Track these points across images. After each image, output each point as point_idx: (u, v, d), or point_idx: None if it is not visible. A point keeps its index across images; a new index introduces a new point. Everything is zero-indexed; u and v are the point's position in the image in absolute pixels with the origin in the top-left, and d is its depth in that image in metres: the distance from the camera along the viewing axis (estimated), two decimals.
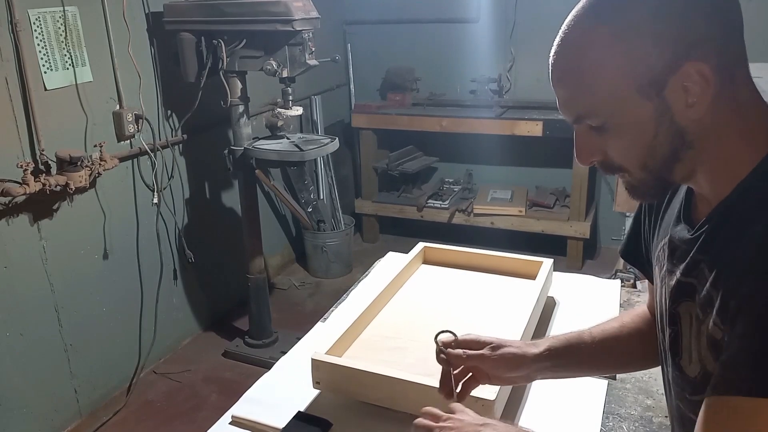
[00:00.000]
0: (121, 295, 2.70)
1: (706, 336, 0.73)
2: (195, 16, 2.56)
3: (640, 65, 0.69)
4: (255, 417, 1.18)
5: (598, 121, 0.74)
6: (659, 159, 0.74)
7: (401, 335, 1.38)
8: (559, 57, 0.75)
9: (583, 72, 0.73)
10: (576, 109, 0.75)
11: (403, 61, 4.05)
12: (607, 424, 1.17)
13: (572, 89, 0.75)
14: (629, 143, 0.74)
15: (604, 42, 0.70)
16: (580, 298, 1.59)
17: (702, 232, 0.76)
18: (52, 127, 2.29)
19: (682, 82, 0.69)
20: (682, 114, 0.70)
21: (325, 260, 3.75)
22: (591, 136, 0.76)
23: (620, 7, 0.69)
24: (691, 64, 0.68)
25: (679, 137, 0.72)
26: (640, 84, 0.70)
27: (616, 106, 0.72)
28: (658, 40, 0.68)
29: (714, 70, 0.68)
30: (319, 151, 2.67)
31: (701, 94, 0.69)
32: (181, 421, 2.57)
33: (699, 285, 0.75)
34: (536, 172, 3.99)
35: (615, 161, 0.77)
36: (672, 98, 0.70)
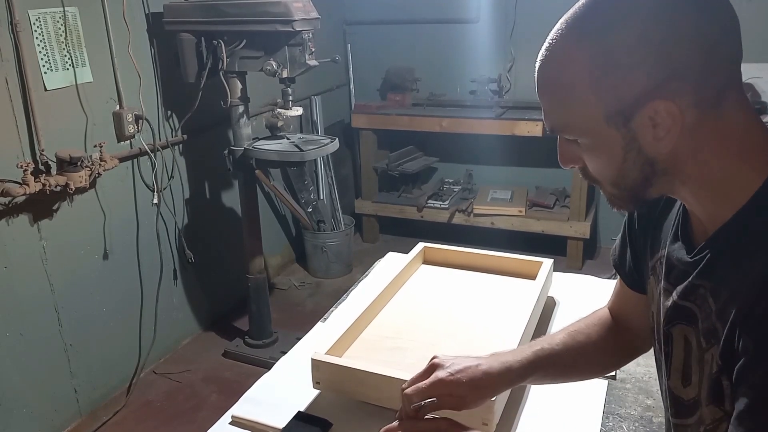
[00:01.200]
0: (121, 295, 2.71)
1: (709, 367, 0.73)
2: (195, 17, 2.56)
3: (609, 94, 0.68)
4: (255, 417, 1.18)
5: (571, 137, 0.75)
6: (630, 181, 0.73)
7: (401, 335, 1.38)
8: (541, 68, 0.74)
9: (558, 89, 0.72)
10: (552, 121, 0.76)
11: (403, 61, 4.05)
12: (607, 424, 1.17)
13: (549, 102, 0.75)
14: (600, 162, 0.75)
15: (579, 64, 0.69)
16: (580, 298, 1.58)
17: (702, 257, 0.74)
18: (52, 127, 2.30)
19: (648, 117, 0.67)
20: (650, 146, 0.69)
21: (325, 260, 3.75)
22: (570, 145, 0.77)
23: (602, 30, 0.67)
24: (659, 103, 0.66)
25: (648, 165, 0.71)
26: (607, 112, 0.69)
27: (586, 127, 0.72)
28: (631, 72, 0.66)
29: (690, 104, 0.66)
30: (319, 152, 2.67)
31: (670, 129, 0.67)
32: (181, 421, 2.57)
33: (700, 312, 0.74)
34: (536, 172, 3.99)
35: (591, 173, 0.78)
36: (639, 131, 0.69)
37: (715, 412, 0.73)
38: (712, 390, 0.73)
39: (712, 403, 0.73)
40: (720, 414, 0.72)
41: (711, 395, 0.73)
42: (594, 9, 0.69)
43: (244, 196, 2.85)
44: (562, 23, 0.72)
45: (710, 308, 0.71)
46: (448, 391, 0.90)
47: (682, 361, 0.81)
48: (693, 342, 0.77)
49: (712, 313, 0.71)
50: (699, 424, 0.77)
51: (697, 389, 0.77)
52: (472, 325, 1.41)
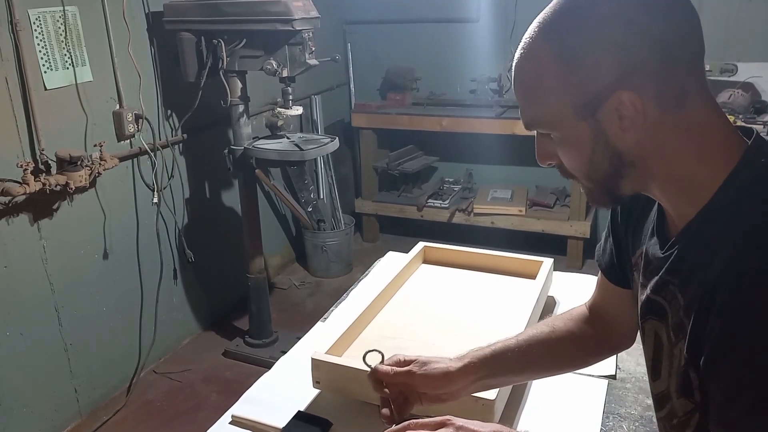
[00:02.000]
0: (121, 295, 2.70)
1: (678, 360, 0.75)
2: (195, 16, 2.56)
3: (574, 88, 0.71)
4: (255, 417, 1.18)
5: (544, 131, 0.78)
6: (601, 174, 0.76)
7: (401, 335, 1.38)
8: (516, 66, 0.77)
9: (528, 85, 0.76)
10: (526, 117, 0.79)
11: (403, 61, 4.05)
12: (607, 423, 1.17)
13: (522, 98, 0.78)
14: (572, 156, 0.77)
15: (546, 60, 0.72)
16: (580, 297, 1.57)
17: (671, 253, 0.76)
18: (52, 126, 2.29)
19: (614, 108, 0.70)
20: (617, 137, 0.72)
21: (325, 260, 3.75)
22: (546, 141, 0.79)
23: (565, 29, 0.71)
24: (622, 93, 0.69)
25: (616, 157, 0.74)
26: (574, 105, 0.72)
27: (556, 121, 0.74)
28: (594, 67, 0.69)
29: (652, 99, 0.69)
30: (319, 151, 2.67)
31: (634, 120, 0.70)
32: (181, 421, 2.57)
33: (669, 307, 0.76)
34: (536, 172, 3.98)
35: (566, 168, 0.80)
36: (605, 122, 0.71)
37: (686, 405, 0.75)
38: (681, 383, 0.74)
39: (683, 396, 0.75)
40: (691, 406, 0.74)
41: (680, 389, 0.75)
42: (559, 10, 0.73)
43: (244, 196, 2.84)
44: (533, 24, 0.75)
45: (679, 304, 0.73)
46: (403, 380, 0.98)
47: (651, 356, 0.83)
48: (663, 337, 0.79)
49: (680, 309, 0.73)
50: (671, 416, 0.79)
51: (666, 383, 0.80)
52: (472, 324, 1.41)
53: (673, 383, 0.77)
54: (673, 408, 0.78)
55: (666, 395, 0.80)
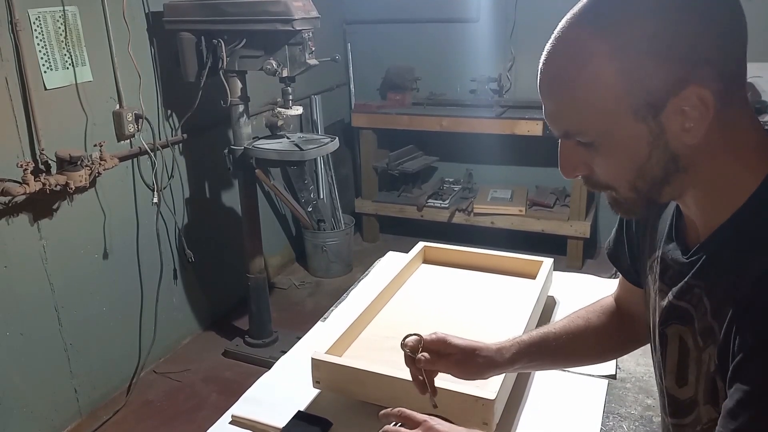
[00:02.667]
0: (121, 295, 2.70)
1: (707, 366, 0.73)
2: (195, 16, 2.56)
3: (637, 86, 0.65)
4: (255, 417, 1.18)
5: (588, 138, 0.70)
6: (649, 181, 0.70)
7: (401, 335, 1.37)
8: (550, 66, 0.69)
9: (575, 86, 0.68)
10: (565, 124, 0.71)
11: (403, 61, 4.05)
12: (607, 423, 1.17)
13: (562, 103, 0.70)
14: (619, 163, 0.71)
15: (601, 57, 0.65)
16: (580, 297, 1.58)
17: (698, 258, 0.73)
18: (52, 126, 2.29)
19: (680, 106, 0.65)
20: (677, 138, 0.67)
21: (325, 260, 3.75)
22: (578, 151, 0.73)
23: (621, 21, 0.64)
24: (692, 89, 0.64)
25: (672, 161, 0.69)
26: (636, 105, 0.65)
27: (608, 125, 0.68)
28: (659, 61, 0.64)
29: (714, 94, 0.64)
30: (319, 151, 2.67)
31: (699, 119, 0.65)
32: (181, 421, 2.57)
33: (696, 311, 0.73)
34: (536, 172, 3.99)
35: (602, 179, 0.74)
36: (668, 122, 0.66)
37: (711, 412, 0.73)
38: (708, 389, 0.73)
39: (709, 403, 0.73)
40: (716, 414, 0.71)
41: (708, 395, 0.73)
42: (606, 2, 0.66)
43: (244, 196, 2.84)
44: (570, 20, 0.68)
45: (705, 308, 0.71)
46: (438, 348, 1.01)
47: (676, 362, 0.80)
48: (689, 342, 0.76)
49: (707, 312, 0.71)
50: (696, 423, 0.77)
51: (693, 389, 0.77)
52: (472, 324, 1.41)
53: (701, 389, 0.75)
54: (699, 415, 0.76)
55: (694, 401, 0.77)
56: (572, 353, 1.07)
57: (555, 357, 1.07)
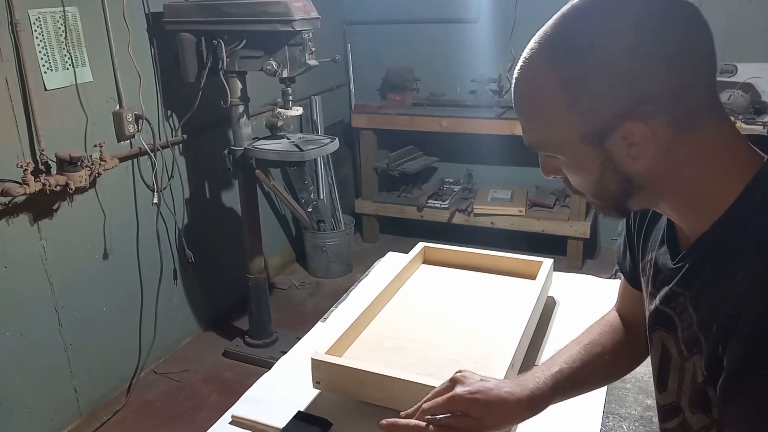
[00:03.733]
0: (121, 295, 2.70)
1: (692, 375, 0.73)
2: (195, 17, 2.56)
3: (582, 117, 0.68)
4: (255, 417, 1.18)
5: (549, 153, 0.76)
6: (610, 194, 0.74)
7: (401, 335, 1.38)
8: (516, 87, 0.74)
9: (532, 110, 0.73)
10: (529, 138, 0.77)
11: (403, 61, 4.05)
12: (607, 424, 1.17)
13: (525, 120, 0.75)
14: (579, 178, 0.76)
15: (551, 88, 0.69)
16: (580, 298, 1.59)
17: (683, 265, 0.74)
18: (52, 127, 2.29)
19: (622, 137, 0.67)
20: (625, 164, 0.70)
21: (325, 260, 3.75)
22: (550, 160, 0.78)
23: (572, 56, 0.67)
24: (631, 125, 0.66)
25: (626, 182, 0.72)
26: (583, 133, 0.69)
27: (562, 145, 0.72)
28: (602, 96, 0.66)
29: (664, 125, 0.66)
30: (319, 151, 2.67)
31: (644, 148, 0.67)
32: (181, 421, 2.57)
33: (679, 320, 0.74)
34: (536, 172, 3.90)
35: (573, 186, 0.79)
36: (614, 150, 0.69)
37: (702, 420, 0.73)
38: (697, 399, 0.73)
39: (700, 411, 0.73)
40: (708, 421, 0.72)
41: (697, 404, 0.73)
42: (565, 34, 0.69)
43: (244, 196, 2.84)
44: (534, 44, 0.71)
45: (691, 318, 0.71)
46: (464, 409, 0.90)
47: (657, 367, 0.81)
48: (672, 349, 0.77)
49: (693, 323, 0.71)
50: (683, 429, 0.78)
51: (674, 396, 0.77)
52: (472, 325, 1.41)
53: (686, 397, 0.75)
54: (686, 421, 0.76)
55: (675, 408, 0.78)
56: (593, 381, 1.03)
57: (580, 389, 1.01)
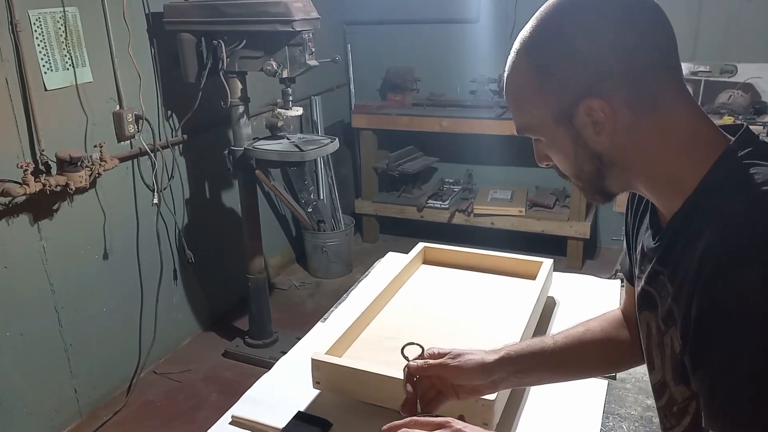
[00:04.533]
0: (121, 295, 2.71)
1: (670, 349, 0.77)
2: (195, 17, 2.56)
3: (550, 98, 0.77)
4: (255, 417, 1.18)
5: (533, 136, 0.84)
6: (587, 173, 0.81)
7: (401, 335, 1.38)
8: (504, 76, 0.84)
9: (513, 95, 0.83)
10: (517, 123, 0.85)
11: (403, 61, 4.05)
12: (607, 424, 1.17)
13: (511, 107, 0.85)
14: (559, 158, 0.83)
15: (524, 74, 0.79)
16: (580, 298, 1.59)
17: (661, 244, 0.79)
18: (52, 127, 2.30)
19: (586, 114, 0.75)
20: (593, 141, 0.77)
21: (325, 260, 3.75)
22: (539, 145, 0.86)
23: (539, 45, 0.78)
24: (590, 100, 0.74)
25: (596, 158, 0.79)
26: (552, 112, 0.78)
27: (541, 127, 0.81)
28: (565, 78, 0.75)
29: (622, 104, 0.74)
30: (319, 152, 2.67)
31: (606, 124, 0.75)
32: (181, 421, 2.57)
33: (659, 297, 0.79)
34: (536, 172, 3.98)
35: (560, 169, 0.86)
36: (581, 127, 0.77)
37: (683, 392, 0.77)
38: (677, 371, 0.76)
39: (681, 383, 0.77)
40: (688, 393, 0.76)
41: (677, 376, 0.77)
42: (535, 27, 0.80)
43: (244, 196, 2.85)
44: (517, 39, 0.82)
45: (668, 292, 0.76)
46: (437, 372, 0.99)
47: (645, 347, 0.86)
48: (653, 327, 0.82)
49: (669, 297, 0.75)
50: (670, 404, 0.81)
51: (661, 372, 0.82)
52: (472, 325, 1.41)
53: (668, 371, 0.79)
54: (672, 395, 0.80)
55: (663, 384, 0.82)
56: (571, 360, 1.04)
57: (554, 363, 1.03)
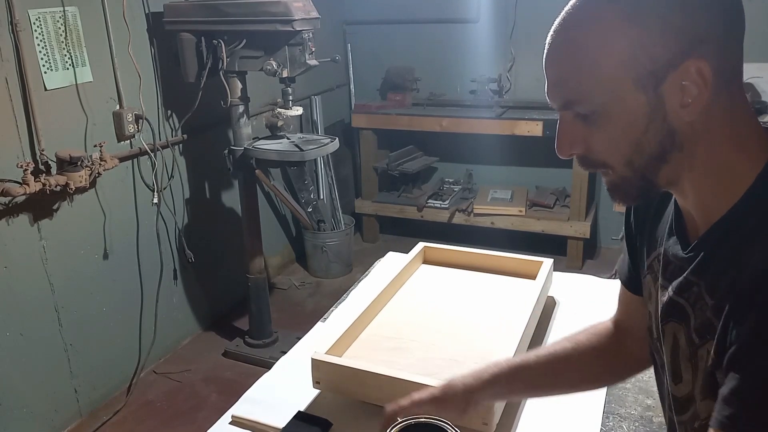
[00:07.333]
0: (121, 295, 2.70)
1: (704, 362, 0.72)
2: (195, 17, 2.56)
3: (643, 54, 0.66)
4: (255, 417, 1.18)
5: (588, 108, 0.71)
6: (646, 156, 0.71)
7: (401, 335, 1.38)
8: (559, 35, 0.71)
9: (583, 52, 0.69)
10: (566, 92, 0.72)
11: (403, 61, 4.05)
12: (607, 424, 1.17)
13: (567, 70, 0.71)
14: (617, 136, 0.71)
15: (611, 23, 0.67)
16: (580, 298, 1.59)
17: (697, 254, 0.73)
18: (52, 127, 2.29)
19: (680, 80, 0.66)
20: (675, 113, 0.68)
21: (325, 260, 3.75)
22: (576, 125, 0.73)
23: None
24: (693, 62, 0.65)
25: (669, 137, 0.69)
26: (638, 74, 0.67)
27: (610, 93, 0.69)
28: (667, 30, 0.65)
29: (714, 72, 0.66)
30: (319, 151, 2.67)
31: (698, 95, 0.66)
32: (181, 421, 2.57)
33: (693, 308, 0.73)
34: (536, 172, 3.99)
35: (598, 156, 0.74)
36: (667, 95, 0.67)
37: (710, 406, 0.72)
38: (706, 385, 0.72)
39: (708, 398, 0.72)
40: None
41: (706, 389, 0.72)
42: None
43: (244, 196, 2.84)
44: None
45: (706, 304, 0.71)
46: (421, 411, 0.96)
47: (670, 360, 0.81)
48: (681, 340, 0.76)
49: (707, 309, 0.70)
50: (694, 419, 0.77)
51: (690, 386, 0.77)
52: (472, 325, 1.41)
53: (698, 385, 0.74)
54: (697, 411, 0.76)
55: (690, 398, 0.77)
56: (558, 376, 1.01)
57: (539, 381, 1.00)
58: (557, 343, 1.03)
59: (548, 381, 1.01)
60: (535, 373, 0.99)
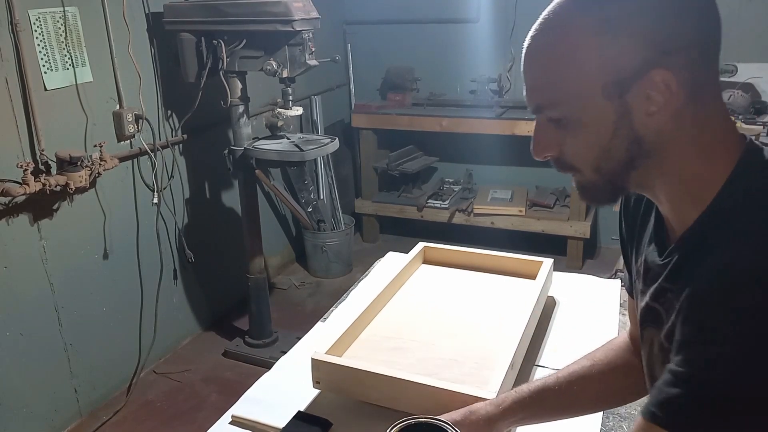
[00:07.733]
0: (121, 295, 2.71)
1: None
2: (195, 17, 2.56)
3: (609, 63, 0.67)
4: (255, 417, 1.18)
5: (558, 113, 0.73)
6: (614, 163, 0.72)
7: (401, 335, 1.38)
8: (534, 41, 0.73)
9: (553, 60, 0.71)
10: (538, 97, 0.74)
11: (403, 61, 4.05)
12: (607, 423, 1.17)
13: (539, 76, 0.73)
14: (585, 142, 0.72)
15: (580, 33, 0.68)
16: (580, 298, 1.59)
17: (671, 260, 0.74)
18: (52, 127, 2.30)
19: (645, 89, 0.67)
20: (641, 121, 0.69)
21: (325, 260, 3.75)
22: (549, 129, 0.75)
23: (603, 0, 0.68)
24: (658, 72, 0.66)
25: (636, 144, 0.70)
26: (605, 82, 0.68)
27: (578, 100, 0.70)
28: (633, 40, 0.66)
29: (683, 84, 0.67)
30: (319, 151, 2.67)
31: (663, 104, 0.67)
32: (181, 421, 2.57)
33: (665, 314, 0.74)
34: (536, 172, 3.99)
35: (569, 159, 0.76)
36: (633, 104, 0.68)
37: None
38: None
39: None
40: None
41: None
42: None
43: (244, 196, 2.85)
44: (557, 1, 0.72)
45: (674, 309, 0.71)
46: None
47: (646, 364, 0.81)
48: (655, 345, 0.77)
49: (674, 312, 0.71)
50: None
51: None
52: (472, 325, 1.41)
53: None
54: None
55: None
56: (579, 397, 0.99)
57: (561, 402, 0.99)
58: (576, 362, 1.03)
59: (570, 401, 1.00)
60: (556, 395, 0.98)
